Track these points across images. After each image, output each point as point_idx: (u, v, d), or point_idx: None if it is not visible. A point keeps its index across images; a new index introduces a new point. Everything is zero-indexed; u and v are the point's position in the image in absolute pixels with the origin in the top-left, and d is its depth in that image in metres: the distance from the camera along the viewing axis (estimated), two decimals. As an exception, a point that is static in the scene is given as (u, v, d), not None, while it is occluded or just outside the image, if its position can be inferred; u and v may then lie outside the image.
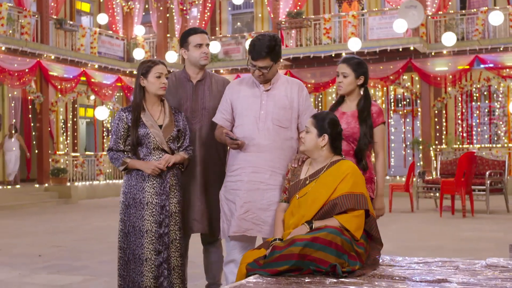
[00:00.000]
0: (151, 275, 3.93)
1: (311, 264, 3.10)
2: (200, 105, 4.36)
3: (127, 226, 4.01)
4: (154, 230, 3.96)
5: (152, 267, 3.93)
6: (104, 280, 5.86)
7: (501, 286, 2.81)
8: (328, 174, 3.42)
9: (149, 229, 3.96)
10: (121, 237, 4.02)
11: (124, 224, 4.02)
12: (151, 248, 3.95)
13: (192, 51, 4.37)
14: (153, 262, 3.94)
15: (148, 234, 3.95)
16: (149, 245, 3.95)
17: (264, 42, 3.88)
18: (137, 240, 3.96)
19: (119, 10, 21.18)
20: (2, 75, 15.96)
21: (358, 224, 3.30)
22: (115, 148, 4.06)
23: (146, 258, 3.94)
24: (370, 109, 4.00)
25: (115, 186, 19.36)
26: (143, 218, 3.97)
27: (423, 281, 2.95)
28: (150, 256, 3.94)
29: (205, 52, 4.36)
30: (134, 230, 3.97)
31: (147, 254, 3.94)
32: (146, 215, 3.97)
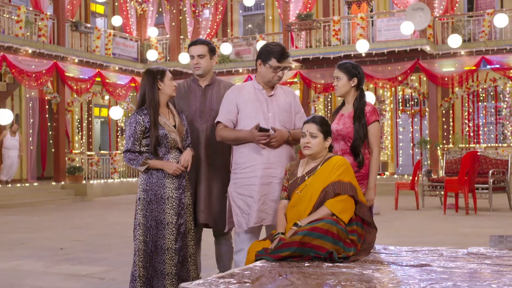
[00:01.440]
0: (172, 263, 4.32)
1: (310, 251, 3.51)
2: (208, 107, 4.78)
3: (149, 220, 4.35)
4: (174, 222, 4.35)
5: (173, 255, 4.33)
6: (123, 270, 6.29)
7: (476, 269, 3.21)
8: (323, 169, 3.87)
9: (170, 221, 4.35)
10: (142, 231, 4.35)
11: (147, 219, 4.35)
12: (171, 239, 4.33)
13: (190, 61, 4.83)
14: (173, 251, 4.33)
15: (169, 226, 4.34)
16: (170, 236, 4.33)
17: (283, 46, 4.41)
18: (159, 232, 4.34)
19: (132, 12, 21.65)
20: (20, 76, 16.49)
21: (342, 208, 3.71)
22: (132, 149, 4.36)
23: (167, 247, 4.32)
24: (363, 108, 4.39)
25: (129, 184, 19.86)
26: (164, 212, 4.35)
27: (408, 265, 3.36)
28: (171, 246, 4.33)
29: (195, 63, 4.78)
30: (157, 224, 4.35)
31: (168, 244, 4.33)
32: (167, 208, 4.35)
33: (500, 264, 3.35)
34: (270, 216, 4.30)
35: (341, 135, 4.31)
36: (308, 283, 2.86)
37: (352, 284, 2.83)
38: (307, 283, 2.87)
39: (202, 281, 2.95)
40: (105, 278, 5.98)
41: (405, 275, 3.11)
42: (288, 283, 2.87)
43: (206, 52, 4.79)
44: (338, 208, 3.74)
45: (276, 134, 4.22)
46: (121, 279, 5.87)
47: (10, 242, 8.72)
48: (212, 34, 22.24)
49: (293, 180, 4.00)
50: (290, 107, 4.46)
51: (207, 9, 22.25)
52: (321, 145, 3.91)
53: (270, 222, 4.31)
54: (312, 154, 3.95)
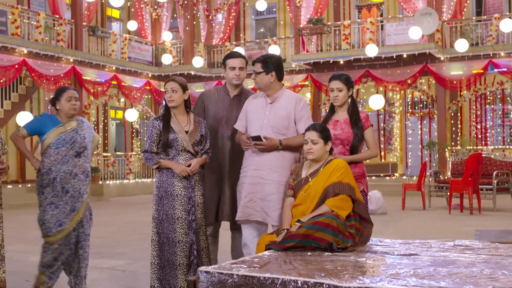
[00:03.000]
0: (183, 254, 4.80)
1: (313, 242, 3.95)
2: (234, 115, 5.22)
3: (161, 214, 4.86)
4: (183, 217, 4.83)
5: (184, 247, 4.80)
6: (142, 264, 6.78)
7: (457, 257, 3.65)
8: (324, 171, 4.32)
9: (180, 216, 4.83)
10: (156, 224, 4.87)
11: (159, 213, 4.87)
12: (182, 232, 4.81)
13: (228, 72, 5.25)
14: (184, 243, 4.81)
15: (179, 220, 4.82)
16: (181, 230, 4.81)
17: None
18: (170, 226, 4.82)
19: (147, 17, 22.19)
20: (39, 80, 17.06)
21: (340, 205, 4.16)
22: (149, 150, 4.91)
23: (178, 240, 4.80)
24: (358, 114, 4.89)
25: (144, 185, 20.39)
26: (174, 208, 4.83)
27: (398, 255, 3.80)
28: (182, 239, 4.81)
29: (237, 74, 5.20)
30: (167, 218, 4.84)
31: (179, 237, 4.81)
32: (177, 204, 4.83)
33: (480, 254, 3.78)
34: (258, 212, 4.78)
35: (339, 139, 4.79)
36: (309, 268, 3.31)
37: (347, 269, 3.27)
38: (308, 268, 3.32)
39: (217, 266, 3.41)
40: (126, 270, 6.47)
41: (394, 262, 3.55)
42: (291, 267, 3.32)
43: (244, 64, 5.24)
44: (337, 206, 4.18)
45: (265, 142, 4.68)
46: (141, 271, 6.36)
47: (34, 238, 9.18)
48: (225, 38, 22.74)
49: (298, 181, 4.46)
50: (288, 114, 4.86)
51: (220, 14, 22.75)
52: (322, 150, 4.36)
53: (257, 219, 4.78)
54: (315, 158, 4.39)
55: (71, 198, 5.00)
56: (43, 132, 5.02)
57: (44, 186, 5.00)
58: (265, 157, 4.80)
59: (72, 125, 5.06)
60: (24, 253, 7.68)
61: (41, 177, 5.01)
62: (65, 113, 5.05)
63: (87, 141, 5.09)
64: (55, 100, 5.08)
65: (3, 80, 16.03)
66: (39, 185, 5.04)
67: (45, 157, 5.02)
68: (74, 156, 5.01)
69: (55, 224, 4.97)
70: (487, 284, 2.83)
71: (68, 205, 5.00)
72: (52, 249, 5.02)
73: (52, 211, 4.98)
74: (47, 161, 4.99)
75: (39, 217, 5.03)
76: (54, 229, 4.97)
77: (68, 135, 5.00)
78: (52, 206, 4.98)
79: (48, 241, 5.02)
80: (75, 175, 5.00)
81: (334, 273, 3.16)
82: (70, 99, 5.02)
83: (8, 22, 16.40)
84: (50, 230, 4.98)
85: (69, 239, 5.03)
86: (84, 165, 5.09)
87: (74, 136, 5.02)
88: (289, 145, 4.78)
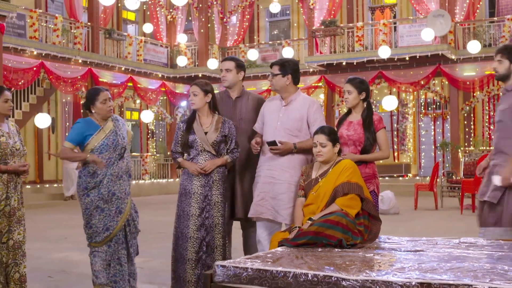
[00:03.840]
0: (193, 250, 5.02)
1: (323, 239, 4.15)
2: (238, 116, 5.47)
3: (179, 210, 5.14)
4: (197, 214, 5.05)
5: (195, 244, 5.03)
6: (159, 261, 7.01)
7: (461, 253, 3.83)
8: (333, 171, 4.52)
9: (194, 213, 5.06)
10: (176, 218, 5.15)
11: (178, 209, 5.15)
12: (194, 229, 5.04)
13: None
14: (195, 240, 5.03)
15: (192, 217, 5.05)
16: (193, 226, 5.04)
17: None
18: (184, 221, 5.07)
19: (163, 19, 22.47)
20: (57, 82, 17.37)
21: (349, 204, 4.36)
22: (174, 150, 5.21)
23: (190, 236, 5.03)
24: (372, 118, 5.08)
25: (159, 185, 20.67)
26: (190, 205, 5.07)
27: (405, 251, 3.99)
28: (193, 235, 5.03)
29: (223, 75, 5.49)
30: (184, 214, 5.09)
31: (191, 233, 5.04)
32: (193, 202, 5.07)
33: (483, 250, 3.95)
34: (268, 211, 5.01)
35: (351, 140, 5.00)
36: (319, 262, 3.50)
37: (355, 264, 3.46)
38: (318, 262, 3.51)
39: (233, 260, 3.62)
40: (143, 267, 6.69)
41: (400, 258, 3.73)
42: (302, 262, 3.52)
43: (232, 67, 5.46)
44: (346, 204, 4.37)
45: (280, 146, 4.92)
46: (158, 268, 6.59)
47: (55, 237, 9.50)
48: (239, 40, 22.98)
49: (308, 182, 4.66)
50: (301, 116, 5.08)
51: (234, 16, 22.99)
52: (331, 152, 4.56)
53: (268, 217, 5.01)
54: (325, 160, 4.60)
55: (117, 200, 4.91)
56: (86, 140, 4.90)
57: (89, 189, 4.87)
58: (277, 158, 5.03)
59: (110, 127, 4.97)
60: (44, 250, 7.92)
61: (85, 179, 4.89)
62: (102, 116, 4.95)
63: (125, 141, 5.06)
64: (89, 103, 4.94)
65: (21, 82, 16.35)
66: (83, 187, 4.89)
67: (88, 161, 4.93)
68: (118, 158, 4.95)
69: (102, 229, 4.87)
70: (486, 277, 3.02)
71: (113, 207, 4.90)
72: (103, 252, 4.90)
73: (99, 215, 4.86)
74: (92, 165, 4.87)
75: (86, 221, 4.90)
76: (102, 234, 4.87)
77: (109, 139, 4.92)
78: (98, 210, 4.87)
79: (95, 245, 4.90)
80: (120, 176, 4.94)
81: (342, 267, 3.36)
82: (105, 101, 4.90)
83: (26, 25, 16.73)
84: (98, 235, 4.87)
85: (118, 239, 4.94)
86: (128, 165, 5.06)
87: (115, 138, 4.95)
88: (302, 148, 4.99)
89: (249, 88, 20.33)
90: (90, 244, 4.93)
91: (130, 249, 5.06)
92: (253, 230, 5.59)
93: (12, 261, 4.85)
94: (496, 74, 4.83)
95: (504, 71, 4.73)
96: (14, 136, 4.94)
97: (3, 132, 4.88)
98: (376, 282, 3.06)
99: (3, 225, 4.80)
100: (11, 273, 4.84)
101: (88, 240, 4.93)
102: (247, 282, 3.36)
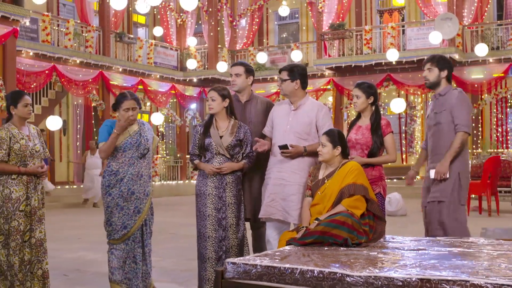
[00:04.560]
0: (212, 249, 5.22)
1: (330, 238, 4.32)
2: (247, 119, 5.66)
3: (197, 211, 5.35)
4: (213, 215, 5.25)
5: (213, 243, 5.22)
6: (172, 260, 7.21)
7: (461, 252, 3.99)
8: (339, 173, 4.69)
9: (210, 214, 5.25)
10: (196, 219, 5.35)
11: (196, 209, 5.36)
12: (212, 229, 5.23)
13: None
14: (213, 239, 5.22)
15: (209, 217, 5.25)
16: (211, 226, 5.24)
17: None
18: (202, 222, 5.28)
19: (173, 22, 22.69)
20: (68, 85, 17.62)
21: (355, 205, 4.53)
22: (192, 152, 5.42)
23: (208, 236, 5.23)
24: (380, 122, 5.29)
25: (169, 187, 20.87)
26: (206, 205, 5.27)
27: (408, 250, 4.15)
28: (211, 234, 5.23)
29: (232, 80, 5.67)
30: (200, 214, 5.30)
31: (209, 232, 5.23)
32: (208, 203, 5.26)
33: (483, 249, 4.11)
34: (279, 212, 5.19)
35: (359, 143, 5.20)
36: (325, 260, 3.67)
37: (359, 261, 3.63)
38: (324, 260, 3.69)
39: (243, 258, 3.80)
40: (155, 266, 6.85)
41: (403, 256, 3.90)
42: (309, 259, 3.69)
43: (242, 71, 5.65)
44: (352, 205, 4.55)
45: (291, 150, 5.10)
46: (169, 267, 6.79)
47: (68, 237, 9.71)
48: (248, 43, 23.17)
49: (315, 182, 4.84)
50: (310, 120, 5.26)
51: (244, 19, 23.19)
52: (330, 153, 4.74)
53: (279, 217, 5.19)
54: (324, 160, 4.79)
55: (136, 199, 5.16)
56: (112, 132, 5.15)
57: (111, 187, 5.13)
58: (287, 160, 5.22)
59: (135, 129, 5.24)
60: (59, 250, 8.11)
61: (108, 177, 5.15)
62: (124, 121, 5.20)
63: (149, 143, 5.30)
64: (115, 108, 5.22)
65: (34, 85, 16.58)
66: (106, 185, 5.16)
67: (112, 160, 5.19)
68: (139, 158, 5.20)
69: (121, 227, 5.11)
70: (483, 274, 3.18)
71: (132, 206, 5.14)
72: (120, 250, 5.15)
73: (118, 213, 5.11)
74: (114, 163, 5.15)
75: (106, 219, 5.16)
76: (120, 232, 5.11)
77: (133, 139, 5.18)
78: (118, 208, 5.12)
79: (113, 243, 5.16)
80: (141, 176, 5.19)
81: (347, 264, 3.53)
82: (128, 110, 5.13)
83: (39, 29, 16.97)
84: (117, 232, 5.12)
85: (135, 238, 5.17)
86: (148, 166, 5.29)
87: (138, 139, 5.20)
88: (312, 151, 5.17)
89: (258, 91, 20.57)
90: (109, 241, 5.18)
91: (145, 249, 5.26)
92: (262, 230, 5.77)
93: (35, 258, 5.10)
94: (426, 82, 5.38)
95: (434, 78, 5.34)
96: (34, 139, 5.17)
97: (23, 135, 5.12)
98: (378, 278, 3.23)
99: (25, 224, 5.04)
100: (35, 270, 5.09)
101: (108, 237, 5.19)
102: (256, 278, 3.54)
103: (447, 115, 5.22)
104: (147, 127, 5.36)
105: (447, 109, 5.24)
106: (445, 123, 5.25)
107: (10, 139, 5.06)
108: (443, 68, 5.32)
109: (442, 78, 5.33)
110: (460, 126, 5.17)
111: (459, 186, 5.26)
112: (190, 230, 7.46)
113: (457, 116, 5.18)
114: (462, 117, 5.18)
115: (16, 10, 13.89)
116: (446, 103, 5.26)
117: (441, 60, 5.35)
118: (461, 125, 5.17)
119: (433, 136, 5.37)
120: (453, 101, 5.23)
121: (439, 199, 5.27)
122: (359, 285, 3.25)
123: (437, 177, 5.19)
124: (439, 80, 5.33)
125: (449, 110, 5.23)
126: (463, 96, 5.29)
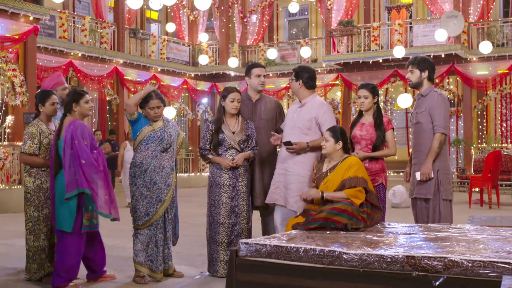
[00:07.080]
0: (225, 234, 5.83)
1: (332, 224, 4.85)
2: (258, 117, 6.22)
3: (210, 200, 5.94)
4: (227, 203, 5.85)
5: (226, 228, 5.82)
6: (185, 246, 7.75)
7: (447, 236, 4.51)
8: (341, 167, 5.24)
9: (224, 202, 5.85)
10: (208, 207, 5.95)
11: (209, 199, 5.95)
12: (225, 215, 5.84)
13: (253, 79, 6.20)
14: (226, 225, 5.82)
15: (223, 205, 5.84)
16: (224, 213, 5.85)
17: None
18: (216, 209, 5.87)
19: (185, 19, 23.19)
20: (84, 80, 18.20)
21: (355, 195, 5.07)
22: (203, 147, 5.97)
23: (222, 222, 5.84)
24: (382, 118, 5.86)
25: (181, 179, 21.34)
26: (220, 195, 5.86)
27: (400, 234, 4.68)
28: (224, 221, 5.83)
29: (262, 81, 6.21)
30: (214, 203, 5.89)
31: (223, 219, 5.84)
32: (223, 192, 5.86)
33: (467, 234, 4.63)
34: (282, 198, 5.73)
35: (364, 139, 5.78)
36: (326, 241, 4.21)
37: (355, 242, 4.16)
38: (325, 241, 4.22)
39: (254, 239, 4.35)
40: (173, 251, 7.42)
41: (395, 238, 4.43)
42: (312, 240, 4.23)
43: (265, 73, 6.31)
44: (353, 195, 5.08)
45: (294, 146, 5.62)
46: (185, 252, 7.34)
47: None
48: (259, 39, 23.66)
49: (319, 175, 5.41)
50: (311, 117, 5.76)
51: (254, 15, 23.67)
52: (332, 147, 5.28)
53: (281, 203, 5.72)
54: (327, 153, 5.34)
55: (158, 189, 5.67)
56: (138, 124, 5.69)
57: (136, 177, 5.68)
58: (292, 155, 5.75)
59: (159, 125, 5.75)
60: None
61: (133, 169, 5.69)
62: (149, 118, 5.75)
63: (172, 139, 5.80)
64: (141, 106, 5.73)
65: (51, 80, 17.11)
66: (132, 176, 5.72)
67: (137, 152, 5.72)
68: (161, 151, 5.70)
69: (144, 214, 5.65)
70: (460, 251, 3.70)
71: (154, 195, 5.66)
72: (143, 235, 5.70)
73: (142, 201, 5.66)
74: (139, 155, 5.68)
75: (133, 206, 5.71)
76: (144, 218, 5.65)
77: (157, 133, 5.69)
78: (142, 197, 5.65)
79: (137, 228, 5.73)
80: (163, 168, 5.70)
81: (345, 244, 4.07)
82: (153, 108, 5.67)
83: (56, 26, 17.53)
84: (140, 219, 5.67)
85: (157, 224, 5.71)
86: (171, 159, 5.79)
87: (162, 134, 5.71)
88: (314, 146, 5.70)
89: (268, 86, 21.09)
90: (134, 227, 5.77)
91: (167, 234, 5.83)
92: (270, 218, 6.31)
93: None
94: (410, 83, 5.78)
95: (416, 79, 5.72)
96: None
97: (50, 131, 5.76)
98: (371, 255, 3.76)
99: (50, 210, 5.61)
100: None
101: (133, 223, 5.79)
102: (266, 256, 4.08)
103: (426, 116, 5.62)
104: (172, 124, 5.88)
105: (426, 109, 5.62)
106: (424, 123, 5.64)
107: (40, 135, 5.68)
108: (423, 69, 5.67)
109: (424, 78, 5.69)
110: (437, 127, 5.55)
111: (439, 182, 5.62)
112: (202, 219, 7.96)
113: (435, 118, 5.57)
114: (439, 118, 5.56)
115: (37, 8, 14.44)
116: (426, 103, 5.65)
117: (421, 62, 5.70)
118: (438, 126, 5.55)
119: (414, 133, 5.80)
120: (432, 102, 5.61)
121: (426, 197, 5.66)
122: (354, 262, 3.78)
123: (423, 178, 5.58)
124: (421, 80, 5.70)
125: (428, 111, 5.61)
126: (442, 98, 5.64)
